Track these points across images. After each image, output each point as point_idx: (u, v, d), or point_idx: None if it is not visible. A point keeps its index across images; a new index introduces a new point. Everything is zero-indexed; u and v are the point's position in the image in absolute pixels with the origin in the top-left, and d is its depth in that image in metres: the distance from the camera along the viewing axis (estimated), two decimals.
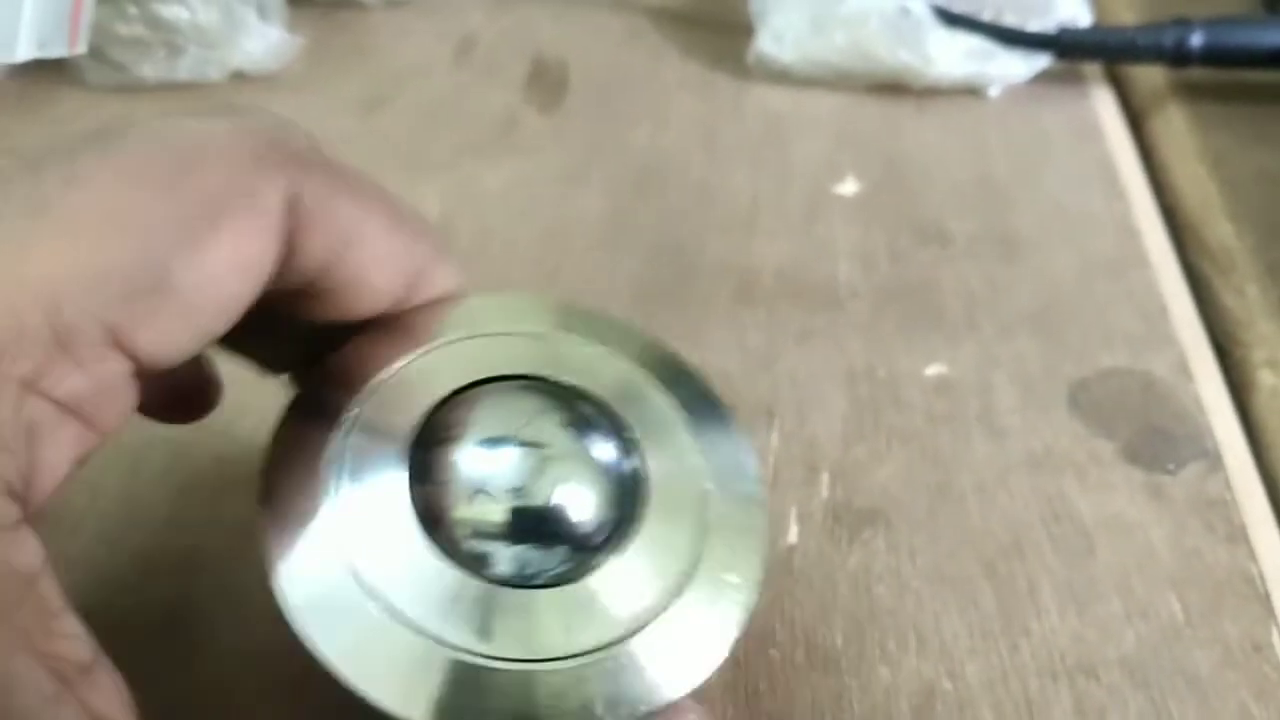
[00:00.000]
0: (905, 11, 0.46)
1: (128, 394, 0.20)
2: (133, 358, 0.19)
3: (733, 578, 0.22)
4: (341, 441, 0.21)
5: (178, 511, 0.30)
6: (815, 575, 0.29)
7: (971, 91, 0.47)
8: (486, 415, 0.22)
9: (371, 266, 0.22)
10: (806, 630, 0.28)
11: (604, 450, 0.22)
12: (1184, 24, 0.45)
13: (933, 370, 0.35)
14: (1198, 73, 0.46)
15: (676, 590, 0.21)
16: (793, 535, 0.30)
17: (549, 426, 0.22)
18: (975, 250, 0.39)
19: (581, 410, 0.22)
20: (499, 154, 0.44)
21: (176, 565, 0.29)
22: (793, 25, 0.47)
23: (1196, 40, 0.45)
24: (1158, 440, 0.33)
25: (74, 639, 0.19)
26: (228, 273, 0.20)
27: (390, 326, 0.23)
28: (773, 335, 0.36)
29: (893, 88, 0.47)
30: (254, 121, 0.21)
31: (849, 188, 0.42)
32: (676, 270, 0.38)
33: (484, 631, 0.20)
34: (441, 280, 0.23)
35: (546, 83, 0.48)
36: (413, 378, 0.22)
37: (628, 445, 0.22)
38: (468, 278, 0.24)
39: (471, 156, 0.43)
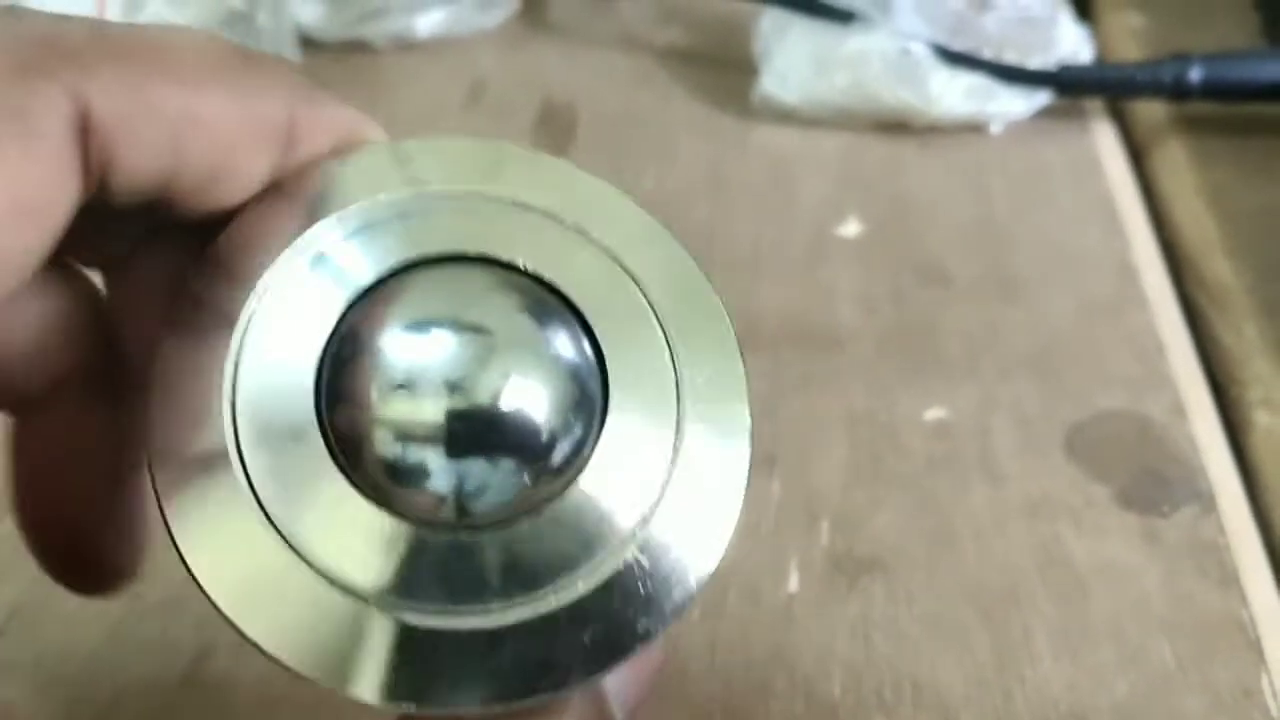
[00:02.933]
0: (906, 52, 0.47)
1: None
2: None
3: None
4: (235, 351, 0.18)
5: None
6: (814, 624, 0.30)
7: (974, 129, 0.47)
8: (417, 298, 0.18)
9: (223, 150, 0.18)
10: (806, 680, 0.29)
11: (564, 343, 0.19)
12: (1183, 59, 0.46)
13: (932, 415, 0.35)
14: (1200, 106, 0.47)
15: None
16: (793, 584, 0.31)
17: (497, 309, 0.18)
18: (975, 291, 0.40)
19: (535, 293, 0.19)
20: None
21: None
22: (796, 66, 0.48)
23: (1195, 75, 0.46)
24: (1152, 484, 0.33)
25: None
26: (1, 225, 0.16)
27: (286, 192, 0.19)
28: (775, 381, 0.37)
29: (896, 126, 0.47)
30: (11, 23, 0.17)
31: (851, 229, 0.43)
32: None
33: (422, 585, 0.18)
34: (327, 123, 0.19)
35: (556, 126, 0.49)
36: (321, 260, 0.19)
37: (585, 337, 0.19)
38: None
39: None
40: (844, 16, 0.47)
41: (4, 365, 0.19)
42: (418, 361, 0.18)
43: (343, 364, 0.18)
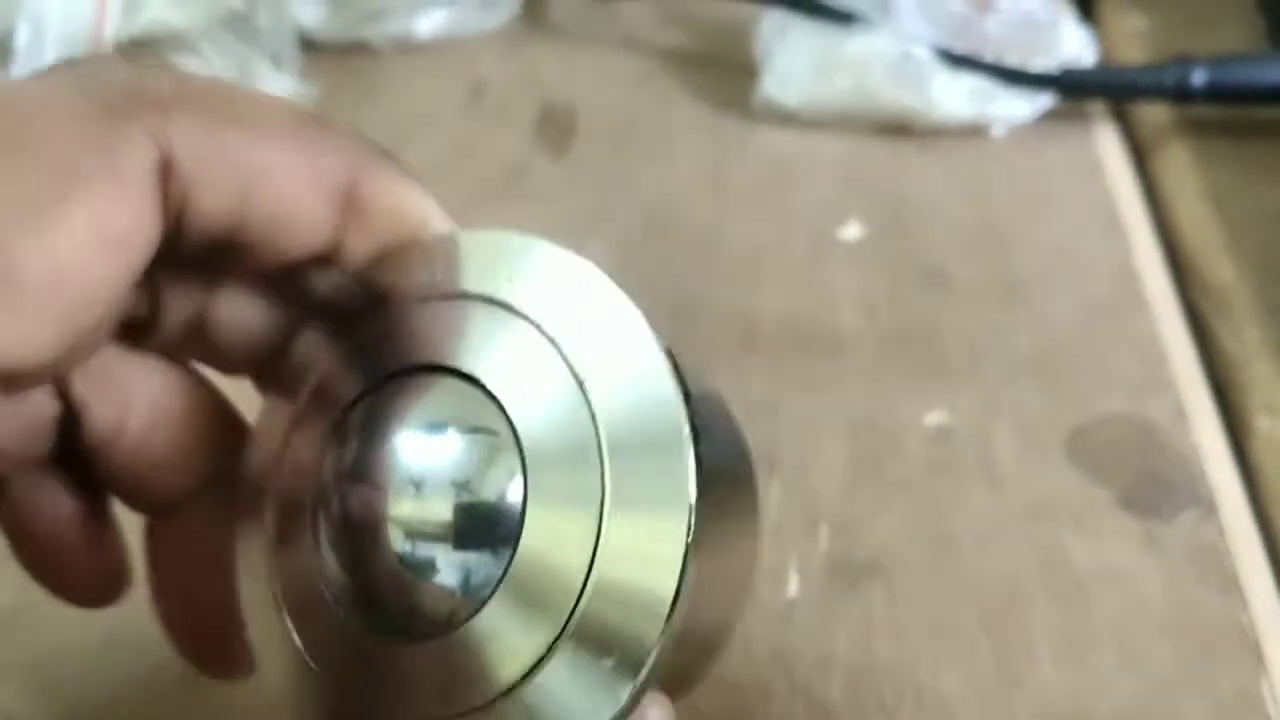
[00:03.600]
0: (907, 54, 0.46)
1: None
2: None
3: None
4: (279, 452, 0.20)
5: None
6: (814, 628, 0.30)
7: (976, 132, 0.47)
8: (425, 401, 0.19)
9: (288, 201, 0.19)
10: (806, 684, 0.28)
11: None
12: (1186, 62, 0.46)
13: (933, 419, 0.35)
14: (1203, 109, 0.47)
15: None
16: (793, 588, 0.31)
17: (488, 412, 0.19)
18: (977, 294, 0.40)
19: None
20: (509, 201, 0.45)
21: None
22: (797, 68, 0.47)
23: (1198, 78, 0.46)
24: (1153, 487, 0.33)
25: None
26: (89, 254, 0.17)
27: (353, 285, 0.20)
28: (775, 384, 0.36)
29: (897, 129, 0.47)
30: (101, 70, 0.18)
31: (852, 232, 0.43)
32: (682, 319, 0.39)
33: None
34: (386, 187, 0.20)
35: (556, 127, 0.49)
36: (354, 359, 0.20)
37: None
38: None
39: (482, 204, 0.44)
40: (845, 19, 0.47)
41: (142, 474, 0.21)
42: (424, 464, 0.18)
43: (347, 467, 0.19)
